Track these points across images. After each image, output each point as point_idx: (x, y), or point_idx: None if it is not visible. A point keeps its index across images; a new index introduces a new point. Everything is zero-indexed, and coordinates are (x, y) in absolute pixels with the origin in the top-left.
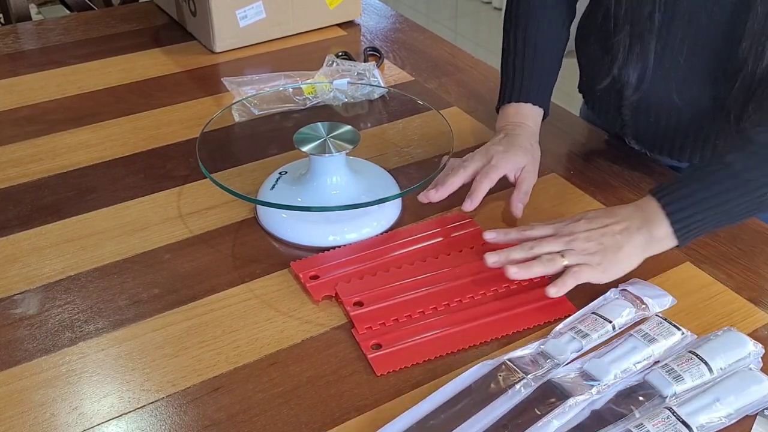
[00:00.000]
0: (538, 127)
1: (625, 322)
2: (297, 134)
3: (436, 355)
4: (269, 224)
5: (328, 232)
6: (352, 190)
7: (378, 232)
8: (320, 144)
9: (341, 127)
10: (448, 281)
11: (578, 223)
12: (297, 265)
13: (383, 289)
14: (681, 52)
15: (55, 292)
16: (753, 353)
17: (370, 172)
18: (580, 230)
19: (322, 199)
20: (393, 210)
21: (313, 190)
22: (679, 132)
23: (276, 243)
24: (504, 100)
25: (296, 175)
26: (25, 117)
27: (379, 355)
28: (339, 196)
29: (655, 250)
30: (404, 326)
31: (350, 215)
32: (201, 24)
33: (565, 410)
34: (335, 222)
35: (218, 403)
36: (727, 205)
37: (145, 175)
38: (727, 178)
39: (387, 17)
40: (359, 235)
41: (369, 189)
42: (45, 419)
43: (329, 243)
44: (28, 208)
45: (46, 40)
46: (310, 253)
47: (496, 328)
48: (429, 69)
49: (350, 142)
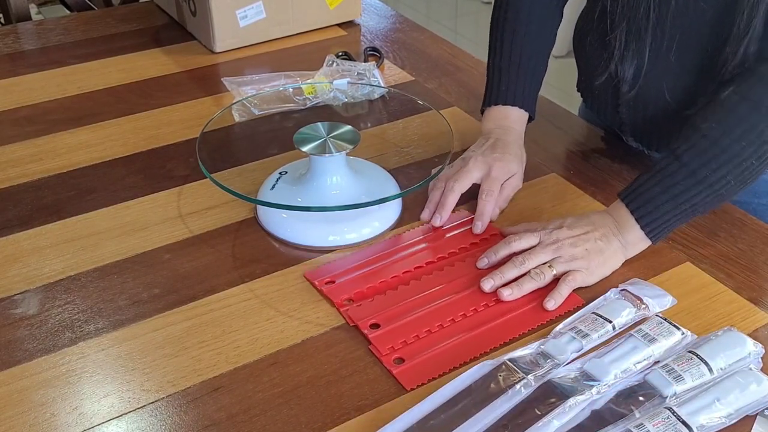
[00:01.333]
0: (524, 130)
1: (625, 322)
2: (297, 134)
3: (461, 362)
4: (269, 224)
5: (328, 232)
6: (352, 190)
7: (378, 233)
8: (320, 144)
9: (341, 127)
10: (461, 290)
11: (561, 231)
12: (310, 274)
13: (397, 307)
14: (671, 49)
15: (55, 292)
16: (753, 353)
17: (371, 172)
18: (565, 237)
19: (322, 199)
20: (393, 210)
21: (314, 190)
22: (674, 128)
23: (276, 243)
24: (490, 102)
25: (296, 175)
26: (25, 117)
27: (404, 369)
28: (339, 196)
29: (633, 252)
30: (425, 338)
31: (351, 215)
32: (201, 24)
33: (565, 410)
34: (335, 222)
35: (218, 403)
36: (691, 202)
37: (145, 175)
38: (686, 178)
39: (387, 17)
40: (359, 236)
41: (369, 189)
42: (45, 419)
43: (329, 243)
44: (28, 208)
45: (46, 40)
46: (310, 254)
47: (514, 326)
48: (429, 69)
49: (350, 142)
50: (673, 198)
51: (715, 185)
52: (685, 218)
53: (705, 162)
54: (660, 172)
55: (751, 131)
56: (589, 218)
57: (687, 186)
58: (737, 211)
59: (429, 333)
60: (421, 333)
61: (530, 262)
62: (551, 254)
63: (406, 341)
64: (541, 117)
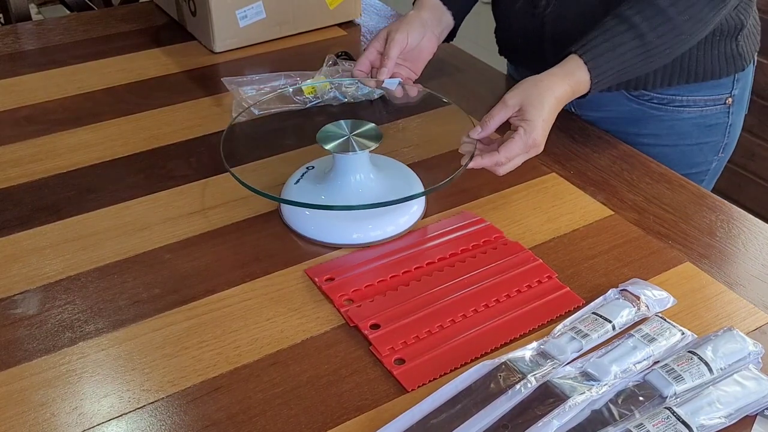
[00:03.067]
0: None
1: (625, 322)
2: (320, 132)
3: (462, 362)
4: (292, 221)
5: (352, 230)
6: (376, 187)
7: (402, 230)
8: (344, 142)
9: (364, 124)
10: (463, 290)
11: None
12: (311, 271)
13: (397, 308)
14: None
15: (55, 292)
16: (753, 353)
17: (393, 169)
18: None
19: (345, 198)
20: (417, 208)
21: (337, 189)
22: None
23: (276, 243)
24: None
25: (321, 172)
26: (25, 117)
27: (405, 369)
28: (363, 194)
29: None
30: (425, 339)
31: (376, 213)
32: (201, 24)
33: (565, 410)
34: (360, 220)
35: (218, 403)
36: (631, 62)
37: (145, 175)
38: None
39: (387, 17)
40: (384, 233)
41: (393, 187)
42: (45, 419)
43: (354, 241)
44: (28, 208)
45: (46, 40)
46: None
47: (515, 326)
48: (429, 69)
49: (373, 139)
50: (619, 56)
51: (654, 50)
52: (621, 76)
53: (653, 28)
54: (609, 31)
55: (694, 6)
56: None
57: (632, 47)
58: (737, 211)
59: (429, 334)
60: (422, 334)
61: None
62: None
63: (406, 342)
64: None
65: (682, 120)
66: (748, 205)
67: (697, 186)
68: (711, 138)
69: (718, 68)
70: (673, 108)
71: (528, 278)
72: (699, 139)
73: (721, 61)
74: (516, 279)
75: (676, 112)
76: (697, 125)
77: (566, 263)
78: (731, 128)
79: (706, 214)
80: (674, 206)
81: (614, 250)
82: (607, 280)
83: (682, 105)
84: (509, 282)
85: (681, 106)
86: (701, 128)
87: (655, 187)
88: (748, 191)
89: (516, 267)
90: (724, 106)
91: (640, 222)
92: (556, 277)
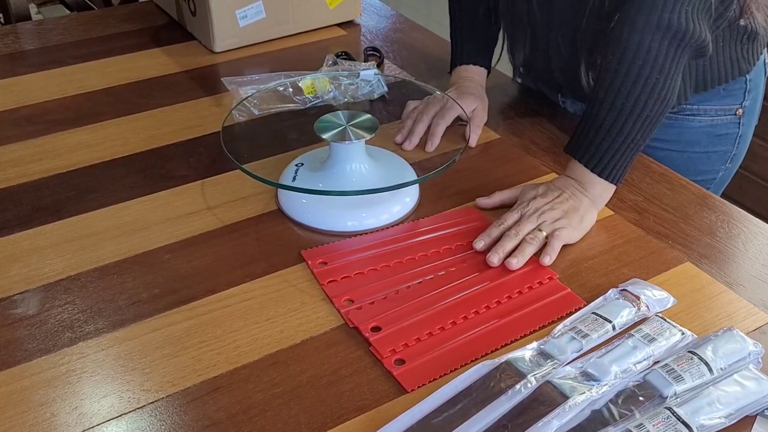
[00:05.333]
0: (483, 81)
1: (625, 322)
2: (318, 122)
3: (462, 363)
4: (291, 210)
5: (347, 217)
6: (371, 176)
7: (396, 219)
8: (340, 131)
9: (361, 115)
10: (463, 292)
11: (536, 201)
12: (306, 253)
13: (397, 310)
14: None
15: (55, 292)
16: (753, 353)
17: (388, 160)
18: (542, 205)
19: (341, 185)
20: (410, 199)
21: (334, 177)
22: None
23: (276, 243)
24: (453, 64)
25: (315, 164)
26: (25, 117)
27: (405, 370)
28: (358, 182)
29: (603, 202)
30: (425, 340)
31: (370, 201)
32: (201, 24)
33: (565, 410)
34: (355, 208)
35: (218, 403)
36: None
37: (145, 175)
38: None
39: (387, 17)
40: (378, 221)
41: (388, 176)
42: (45, 419)
43: (348, 228)
44: (28, 208)
45: (46, 40)
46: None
47: (515, 328)
48: (429, 69)
49: (369, 129)
50: (607, 135)
51: (637, 111)
52: (630, 152)
53: (617, 92)
54: (587, 117)
55: (639, 51)
56: (554, 185)
57: (613, 120)
58: (737, 211)
59: (430, 335)
60: (422, 335)
61: (522, 231)
62: (536, 221)
63: (406, 343)
64: (541, 117)
65: (692, 128)
66: (749, 206)
67: (697, 186)
68: (720, 147)
69: (725, 73)
70: (684, 117)
71: (529, 279)
72: (707, 148)
73: (727, 65)
74: (516, 280)
75: (686, 120)
76: (707, 134)
77: (566, 263)
78: (741, 139)
79: (707, 214)
80: (674, 206)
81: (614, 250)
82: (607, 280)
83: (693, 114)
84: (510, 283)
85: (692, 114)
86: (711, 137)
87: (656, 187)
88: (749, 191)
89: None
90: (735, 117)
91: (640, 222)
92: (557, 277)
